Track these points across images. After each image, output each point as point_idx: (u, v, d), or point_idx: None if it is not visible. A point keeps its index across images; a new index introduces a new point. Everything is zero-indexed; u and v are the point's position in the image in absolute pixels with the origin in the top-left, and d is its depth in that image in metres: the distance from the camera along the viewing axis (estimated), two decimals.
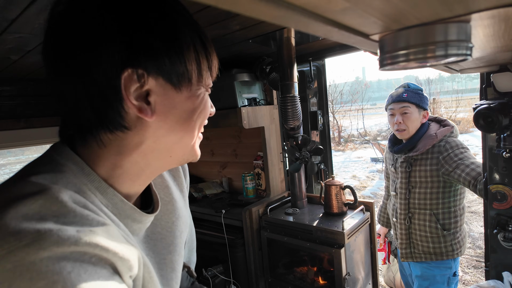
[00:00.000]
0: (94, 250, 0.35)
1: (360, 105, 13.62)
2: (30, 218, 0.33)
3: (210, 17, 0.98)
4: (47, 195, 0.36)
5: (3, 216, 0.33)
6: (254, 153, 2.09)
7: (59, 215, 0.35)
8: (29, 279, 0.30)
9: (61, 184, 0.39)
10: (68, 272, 0.32)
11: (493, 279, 1.24)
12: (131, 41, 0.40)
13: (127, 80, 0.40)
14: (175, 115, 0.45)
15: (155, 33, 0.41)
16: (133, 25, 0.40)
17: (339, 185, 1.56)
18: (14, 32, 0.92)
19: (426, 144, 1.54)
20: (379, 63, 0.34)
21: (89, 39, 0.39)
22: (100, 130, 0.43)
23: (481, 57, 0.66)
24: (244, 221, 1.65)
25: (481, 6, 0.24)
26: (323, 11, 0.24)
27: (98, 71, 0.40)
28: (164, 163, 0.49)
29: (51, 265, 0.31)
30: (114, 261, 0.37)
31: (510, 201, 1.18)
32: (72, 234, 0.34)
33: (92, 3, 0.40)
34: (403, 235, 1.65)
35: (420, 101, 1.60)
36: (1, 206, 0.34)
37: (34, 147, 10.00)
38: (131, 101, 0.41)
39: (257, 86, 1.88)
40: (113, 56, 0.39)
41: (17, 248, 0.31)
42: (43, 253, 0.31)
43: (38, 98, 1.90)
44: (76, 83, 0.41)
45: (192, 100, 0.46)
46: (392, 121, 1.64)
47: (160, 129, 0.45)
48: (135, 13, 0.40)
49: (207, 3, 0.19)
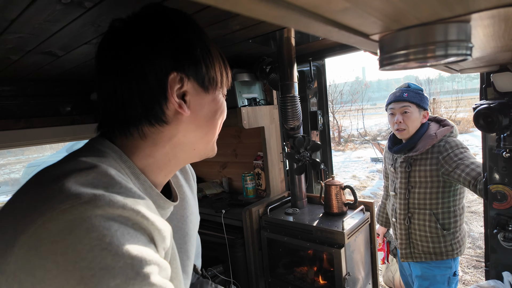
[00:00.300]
0: (137, 216, 0.41)
1: (360, 105, 13.61)
2: (86, 185, 0.41)
3: (210, 17, 0.97)
4: (98, 169, 0.44)
5: (65, 183, 0.40)
6: (254, 153, 2.09)
7: (108, 186, 0.43)
8: (85, 229, 0.37)
9: (107, 165, 0.47)
10: (115, 230, 0.38)
11: (493, 279, 1.24)
12: (178, 51, 0.51)
13: (172, 82, 0.50)
14: (203, 113, 0.55)
15: (194, 45, 0.52)
16: (180, 39, 0.51)
17: (339, 185, 1.56)
18: (14, 32, 0.92)
19: (426, 144, 1.54)
20: (379, 63, 0.34)
21: (146, 48, 0.50)
22: (144, 123, 0.51)
23: (481, 57, 0.66)
24: (244, 221, 1.65)
25: (481, 6, 0.24)
26: (323, 11, 0.24)
27: (151, 73, 0.49)
28: (187, 155, 0.58)
29: (102, 222, 0.38)
30: (152, 230, 0.43)
31: (510, 201, 1.18)
32: (120, 200, 0.41)
33: (149, 20, 0.51)
34: (402, 235, 1.64)
35: (421, 101, 1.59)
36: (61, 176, 0.42)
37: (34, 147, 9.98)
38: (174, 98, 0.51)
39: (257, 86, 1.88)
40: (164, 62, 0.50)
41: (78, 204, 0.38)
42: (97, 211, 0.38)
43: (38, 98, 1.90)
44: (132, 82, 0.50)
45: (215, 102, 0.57)
46: (392, 121, 1.64)
47: (190, 125, 0.54)
48: (180, 30, 0.52)
49: (207, 3, 0.19)
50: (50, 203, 0.38)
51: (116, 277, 0.36)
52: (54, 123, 1.95)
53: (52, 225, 0.37)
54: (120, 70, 0.50)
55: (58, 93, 1.98)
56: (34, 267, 0.36)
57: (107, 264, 0.36)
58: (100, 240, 0.37)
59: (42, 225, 0.37)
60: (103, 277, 0.36)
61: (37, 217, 0.37)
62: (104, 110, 0.53)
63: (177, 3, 0.82)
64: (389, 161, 1.78)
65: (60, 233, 0.36)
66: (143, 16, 0.52)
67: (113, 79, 0.50)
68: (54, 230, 0.37)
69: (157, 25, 0.51)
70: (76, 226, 0.37)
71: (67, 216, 0.37)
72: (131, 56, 0.50)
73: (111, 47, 0.51)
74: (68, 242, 0.36)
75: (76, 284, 0.35)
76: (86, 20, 0.87)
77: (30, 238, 0.37)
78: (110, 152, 0.50)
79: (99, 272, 0.36)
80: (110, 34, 0.52)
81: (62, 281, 0.35)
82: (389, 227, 1.94)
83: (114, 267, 0.36)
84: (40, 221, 0.37)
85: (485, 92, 1.21)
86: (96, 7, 0.78)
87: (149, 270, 0.39)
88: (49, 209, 0.38)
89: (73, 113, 2.06)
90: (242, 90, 1.75)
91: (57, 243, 0.36)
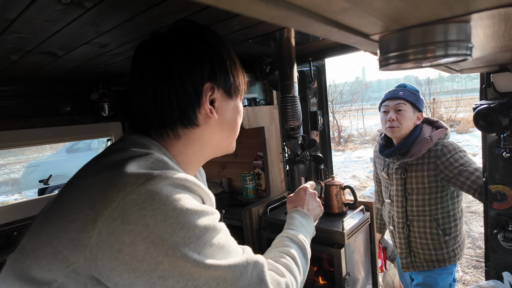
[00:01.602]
0: (194, 186, 0.51)
1: (360, 105, 13.62)
2: (147, 168, 0.49)
3: (210, 17, 0.97)
4: (154, 155, 0.52)
5: (131, 165, 0.48)
6: (254, 153, 2.09)
7: (163, 169, 0.50)
8: (165, 195, 0.45)
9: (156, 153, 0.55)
10: (184, 193, 0.48)
11: (493, 279, 1.24)
12: (212, 64, 0.58)
13: (206, 90, 0.58)
14: (227, 117, 0.63)
15: (224, 58, 0.60)
16: (213, 51, 0.59)
17: (339, 185, 1.56)
18: (14, 32, 0.92)
19: (421, 149, 1.47)
20: (379, 63, 0.34)
21: (188, 59, 0.56)
22: (178, 125, 0.58)
23: (481, 57, 0.66)
24: (244, 221, 1.65)
25: (481, 6, 0.24)
26: (323, 11, 0.24)
27: (189, 82, 0.56)
28: (212, 153, 0.66)
29: (174, 188, 0.48)
30: (204, 196, 0.53)
31: (510, 201, 1.18)
32: (182, 174, 0.51)
33: (185, 35, 0.58)
34: (402, 244, 1.57)
35: (416, 101, 1.53)
36: (123, 161, 0.49)
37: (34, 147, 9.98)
38: (207, 104, 0.58)
39: (257, 86, 1.88)
40: (201, 73, 0.57)
41: (152, 178, 0.46)
42: (168, 181, 0.47)
43: (38, 98, 1.90)
44: (171, 90, 0.56)
45: (236, 107, 0.66)
46: (385, 119, 1.56)
47: (217, 127, 0.62)
48: (213, 44, 0.59)
49: (207, 3, 0.19)
50: (126, 180, 0.46)
51: (198, 225, 0.46)
52: (54, 123, 1.95)
53: (135, 196, 0.44)
54: (160, 80, 0.56)
55: (58, 93, 1.98)
56: (121, 234, 0.42)
57: (189, 217, 0.46)
58: (178, 201, 0.46)
59: (124, 197, 0.44)
60: (189, 227, 0.45)
61: (117, 192, 0.44)
62: (140, 111, 0.60)
63: (177, 3, 0.82)
64: (380, 166, 1.69)
65: (145, 201, 0.44)
66: (178, 30, 0.59)
67: (153, 87, 0.57)
68: (138, 199, 0.44)
69: (193, 39, 0.58)
70: (157, 194, 0.45)
71: (146, 187, 0.45)
72: (171, 66, 0.56)
73: (150, 59, 0.58)
74: (155, 206, 0.44)
75: (169, 237, 0.44)
76: (86, 20, 0.87)
77: (114, 211, 0.43)
78: (152, 146, 0.57)
79: (186, 224, 0.45)
80: (150, 44, 0.59)
81: (154, 238, 0.43)
82: (383, 233, 1.90)
83: (194, 218, 0.46)
84: (122, 194, 0.44)
85: (485, 92, 1.21)
86: (96, 7, 0.78)
87: (215, 217, 0.51)
88: (128, 184, 0.45)
89: (73, 113, 2.06)
90: None
91: (145, 209, 0.44)
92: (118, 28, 0.96)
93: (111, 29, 0.97)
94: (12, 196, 7.20)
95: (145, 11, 0.84)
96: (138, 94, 0.59)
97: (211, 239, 0.48)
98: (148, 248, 0.42)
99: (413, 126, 1.53)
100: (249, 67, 1.79)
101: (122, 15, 0.86)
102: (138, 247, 0.42)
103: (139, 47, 0.61)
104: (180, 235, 0.44)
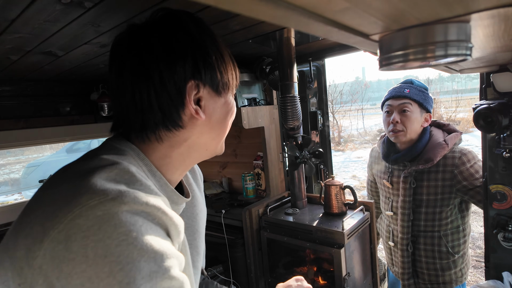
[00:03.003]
0: (157, 212, 0.44)
1: (360, 105, 13.62)
2: (110, 181, 0.43)
3: (210, 17, 0.97)
4: (120, 166, 0.46)
5: (90, 179, 0.42)
6: (254, 153, 2.09)
7: (129, 182, 0.45)
8: (113, 225, 0.39)
9: (127, 162, 0.49)
10: (140, 225, 0.41)
11: (493, 279, 1.24)
12: (197, 60, 0.52)
13: (190, 89, 0.52)
14: (216, 116, 0.57)
15: (210, 53, 0.53)
16: (198, 47, 0.52)
17: (339, 185, 1.56)
18: (14, 32, 0.92)
19: (436, 154, 1.28)
20: (379, 63, 0.34)
21: (167, 56, 0.50)
22: (161, 128, 0.53)
23: (481, 57, 0.66)
24: (244, 221, 1.65)
25: (481, 6, 0.25)
26: (323, 11, 0.24)
27: (170, 81, 0.51)
28: (200, 155, 0.60)
29: (129, 217, 0.40)
30: (169, 225, 0.46)
31: (510, 201, 1.18)
32: (143, 196, 0.43)
33: (164, 28, 0.52)
34: (404, 264, 1.39)
35: (424, 101, 1.33)
36: (85, 172, 0.44)
37: (34, 147, 9.98)
38: (192, 105, 0.52)
39: (257, 86, 1.88)
40: (184, 70, 0.51)
41: (105, 200, 0.40)
42: (124, 207, 0.40)
43: (38, 98, 1.90)
44: (151, 90, 0.51)
45: (227, 104, 0.59)
46: (388, 120, 1.36)
47: (204, 127, 0.56)
48: (197, 36, 0.53)
49: (207, 3, 0.19)
50: (78, 199, 0.40)
51: (141, 271, 0.39)
52: (54, 123, 1.95)
53: (82, 220, 0.39)
54: (139, 80, 0.51)
55: (58, 93, 1.98)
56: (62, 261, 0.37)
57: (133, 258, 0.38)
58: (127, 235, 0.39)
59: (72, 220, 0.39)
60: (130, 271, 0.38)
61: (66, 213, 0.39)
62: (121, 114, 0.55)
63: (177, 3, 0.82)
64: (381, 173, 1.51)
65: (90, 229, 0.38)
66: (156, 22, 0.53)
67: (132, 88, 0.51)
68: (84, 225, 0.38)
69: (172, 32, 0.52)
70: (105, 222, 0.39)
71: (96, 212, 0.39)
72: (149, 64, 0.50)
73: (127, 57, 0.52)
74: (98, 237, 0.38)
75: (106, 277, 0.37)
76: (86, 20, 0.87)
77: (60, 233, 0.38)
78: (129, 151, 0.52)
79: (127, 266, 0.38)
80: (126, 39, 0.53)
81: (91, 274, 0.37)
82: None
83: (140, 260, 0.39)
84: (70, 216, 0.39)
85: (485, 92, 1.21)
86: (96, 7, 0.78)
87: (169, 264, 0.42)
88: (78, 205, 0.39)
89: (73, 113, 2.06)
90: (242, 90, 1.75)
91: (87, 238, 0.38)
92: (118, 28, 0.96)
93: (111, 29, 0.97)
94: (12, 196, 7.20)
95: (145, 11, 0.84)
96: (117, 96, 0.54)
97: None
98: (84, 285, 0.37)
99: (420, 129, 1.34)
100: (249, 67, 1.79)
101: (122, 15, 0.86)
102: (73, 281, 0.37)
103: (114, 42, 0.54)
104: (118, 278, 0.37)
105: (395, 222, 1.44)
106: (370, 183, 1.68)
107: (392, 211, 1.44)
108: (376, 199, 1.68)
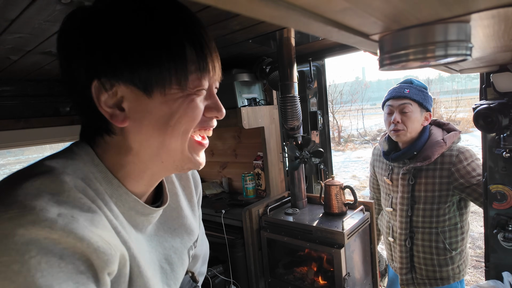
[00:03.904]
0: (67, 238, 0.36)
1: (360, 105, 13.61)
2: (28, 193, 0.37)
3: (210, 17, 0.97)
4: (50, 174, 0.41)
5: (13, 191, 0.38)
6: (254, 153, 2.09)
7: (54, 193, 0.39)
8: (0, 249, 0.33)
9: (70, 169, 0.44)
10: (30, 257, 0.34)
11: (493, 279, 1.24)
12: (94, 56, 0.43)
13: (96, 89, 0.44)
14: (150, 120, 0.46)
15: (119, 46, 0.42)
16: (99, 42, 0.42)
17: (339, 185, 1.56)
18: (14, 32, 0.92)
19: (434, 152, 1.32)
20: (379, 63, 0.34)
21: (67, 57, 0.45)
22: (100, 132, 0.48)
23: (481, 57, 0.66)
24: (244, 221, 1.65)
25: (481, 6, 0.25)
26: (323, 11, 0.24)
27: (75, 82, 0.45)
28: (160, 168, 0.51)
29: (19, 244, 0.34)
30: (88, 253, 0.38)
31: (510, 201, 1.18)
32: (51, 216, 0.36)
33: (72, 26, 0.44)
34: (403, 259, 1.44)
35: (424, 100, 1.38)
36: (15, 182, 0.39)
37: (34, 147, 9.97)
38: (104, 108, 0.44)
39: (257, 86, 1.88)
40: (79, 70, 0.44)
41: (3, 218, 0.35)
42: (19, 230, 0.34)
43: (37, 98, 1.90)
44: (70, 91, 0.47)
45: (168, 104, 0.46)
46: (389, 120, 1.41)
47: (138, 134, 0.47)
48: (102, 30, 0.43)
49: (207, 3, 0.19)
50: None
51: None
52: (53, 123, 1.95)
53: None
54: (63, 77, 0.47)
55: (58, 93, 1.98)
56: None
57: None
58: (8, 267, 0.33)
59: None
60: None
61: None
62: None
63: None
64: (382, 171, 1.56)
65: None
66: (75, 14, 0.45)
67: (67, 84, 0.47)
68: None
69: (78, 28, 0.44)
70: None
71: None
72: (65, 66, 0.46)
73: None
74: None
75: None
76: None
77: None
78: (83, 155, 0.47)
79: None
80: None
81: None
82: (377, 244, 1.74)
83: None
84: None
85: (485, 92, 1.21)
86: None
87: None
88: None
89: (73, 113, 2.06)
90: (242, 90, 1.75)
91: None
92: None
93: None
94: None
95: None
96: None
97: None
98: None
99: (420, 128, 1.39)
100: (249, 67, 1.79)
101: None
102: None
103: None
104: None
105: (394, 218, 1.48)
106: (372, 180, 1.73)
107: (392, 207, 1.48)
108: (378, 195, 1.73)
